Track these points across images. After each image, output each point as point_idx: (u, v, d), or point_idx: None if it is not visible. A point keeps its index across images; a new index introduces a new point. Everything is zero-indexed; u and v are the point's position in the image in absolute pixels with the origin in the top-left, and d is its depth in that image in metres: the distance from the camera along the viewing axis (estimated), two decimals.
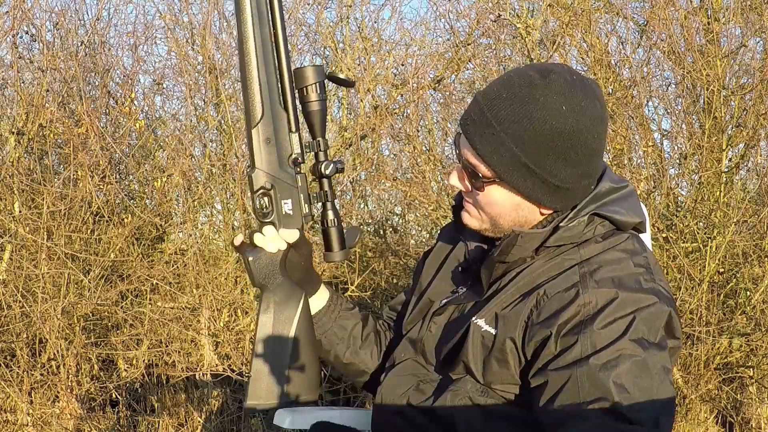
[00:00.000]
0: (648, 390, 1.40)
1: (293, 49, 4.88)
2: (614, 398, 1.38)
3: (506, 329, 1.51)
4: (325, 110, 1.56)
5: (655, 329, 1.46)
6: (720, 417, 4.64)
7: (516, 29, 4.74)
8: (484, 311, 1.55)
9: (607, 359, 1.40)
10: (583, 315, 1.44)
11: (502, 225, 1.58)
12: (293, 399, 1.58)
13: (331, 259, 1.62)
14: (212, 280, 4.29)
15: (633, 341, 1.42)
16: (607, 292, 1.46)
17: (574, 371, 1.41)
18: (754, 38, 4.78)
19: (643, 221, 1.62)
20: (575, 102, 1.47)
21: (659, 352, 1.45)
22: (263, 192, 1.57)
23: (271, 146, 1.57)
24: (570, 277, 1.50)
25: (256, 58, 1.53)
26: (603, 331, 1.43)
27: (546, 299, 1.49)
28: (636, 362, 1.41)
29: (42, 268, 3.98)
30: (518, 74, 1.52)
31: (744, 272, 4.52)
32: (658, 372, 1.43)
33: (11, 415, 4.13)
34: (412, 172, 4.76)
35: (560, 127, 1.46)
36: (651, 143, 4.67)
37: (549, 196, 1.53)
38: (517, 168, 1.50)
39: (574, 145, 1.48)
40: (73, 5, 4.71)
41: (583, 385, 1.40)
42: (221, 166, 4.47)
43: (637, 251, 1.57)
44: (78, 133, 4.15)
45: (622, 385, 1.39)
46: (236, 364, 4.21)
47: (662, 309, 1.49)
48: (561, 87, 1.47)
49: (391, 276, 5.03)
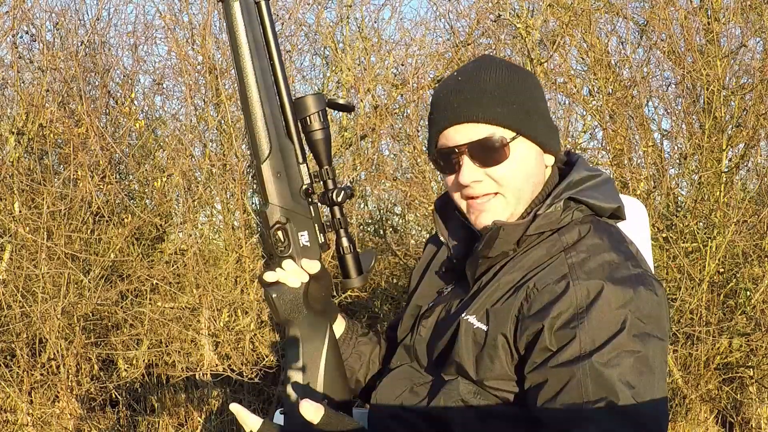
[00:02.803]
0: (650, 387, 1.40)
1: (293, 49, 4.88)
2: (620, 398, 1.37)
3: (497, 324, 1.49)
4: (329, 137, 1.54)
5: (652, 319, 1.44)
6: (720, 417, 4.65)
7: (516, 29, 4.74)
8: (473, 307, 1.54)
9: (609, 357, 1.39)
10: (576, 308, 1.43)
11: (527, 193, 1.57)
12: None
13: (351, 285, 1.60)
14: (212, 280, 4.29)
15: (633, 336, 1.41)
16: (598, 283, 1.44)
17: (577, 369, 1.39)
18: (754, 38, 4.78)
19: (621, 207, 1.61)
20: (511, 63, 1.63)
21: (659, 342, 1.44)
22: (279, 226, 1.54)
23: (282, 179, 1.54)
24: (558, 268, 1.49)
25: (258, 91, 1.49)
26: (600, 326, 1.41)
27: (536, 292, 1.47)
28: (638, 359, 1.40)
29: (42, 268, 3.98)
30: (461, 69, 1.61)
31: (744, 272, 4.52)
32: (659, 365, 1.42)
33: (11, 415, 4.13)
34: (412, 172, 4.76)
35: (524, 74, 1.60)
36: (651, 143, 4.67)
37: (550, 136, 1.59)
38: (524, 116, 1.54)
39: (539, 88, 1.61)
40: (73, 5, 4.73)
41: (586, 384, 1.38)
42: (221, 166, 4.47)
43: (620, 237, 1.56)
44: (78, 133, 4.15)
45: (628, 383, 1.38)
46: (236, 364, 4.21)
47: (653, 297, 1.47)
48: (497, 58, 1.63)
49: (391, 276, 5.03)
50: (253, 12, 1.48)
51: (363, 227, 5.08)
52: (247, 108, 1.50)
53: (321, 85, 5.11)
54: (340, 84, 4.93)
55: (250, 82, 1.48)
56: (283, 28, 4.70)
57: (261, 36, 1.50)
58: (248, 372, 4.14)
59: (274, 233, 1.54)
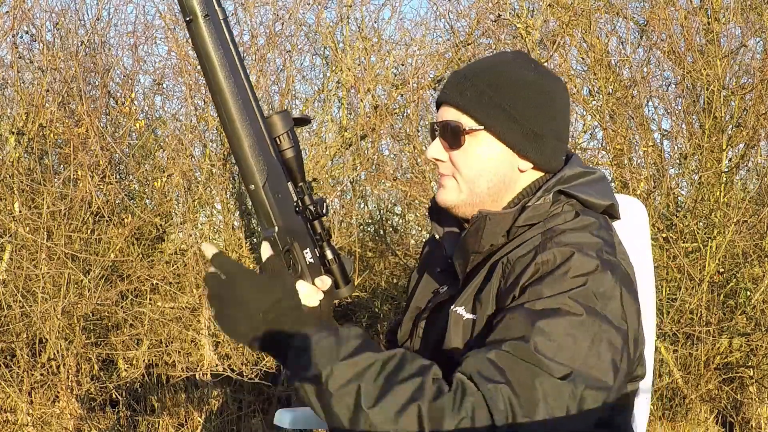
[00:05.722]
0: (573, 351, 1.32)
1: (293, 49, 4.88)
2: (533, 339, 1.32)
3: (484, 311, 1.50)
4: (301, 153, 1.50)
5: (606, 302, 1.39)
6: (720, 417, 4.65)
7: (516, 29, 4.74)
8: (462, 298, 1.54)
9: (545, 307, 1.36)
10: (541, 272, 1.42)
11: (481, 187, 1.56)
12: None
13: (342, 296, 1.58)
14: None
15: (577, 302, 1.36)
16: (565, 250, 1.43)
17: (511, 312, 1.38)
18: (754, 38, 4.78)
19: (614, 204, 1.59)
20: (543, 69, 1.60)
21: (606, 326, 1.37)
22: (288, 250, 1.50)
23: (281, 199, 1.49)
24: (532, 242, 1.49)
25: (241, 111, 1.43)
26: (551, 284, 1.39)
27: (509, 266, 1.48)
28: (573, 321, 1.35)
29: (42, 268, 3.98)
30: (490, 55, 1.63)
31: (744, 272, 4.52)
32: (595, 341, 1.35)
33: (11, 415, 4.13)
34: (412, 172, 4.76)
35: (531, 79, 1.56)
36: (651, 143, 4.67)
37: (526, 142, 1.55)
38: (497, 112, 1.54)
39: (545, 98, 1.56)
40: (73, 5, 4.72)
41: (511, 324, 1.36)
42: (221, 166, 4.48)
43: (606, 226, 1.55)
44: (78, 133, 4.15)
45: (549, 333, 1.33)
46: (236, 364, 4.21)
47: (614, 287, 1.42)
48: (531, 59, 1.62)
49: (391, 276, 5.03)
50: (221, 29, 1.42)
51: (363, 227, 5.08)
52: (235, 130, 1.44)
53: (321, 85, 5.11)
54: (340, 84, 4.93)
55: (232, 103, 1.43)
56: (283, 28, 4.70)
57: (232, 54, 1.44)
58: (248, 372, 4.14)
59: (286, 257, 1.49)
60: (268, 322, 1.30)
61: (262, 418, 4.53)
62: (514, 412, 1.26)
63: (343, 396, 1.24)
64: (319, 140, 4.88)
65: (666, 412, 4.58)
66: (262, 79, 4.54)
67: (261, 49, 4.59)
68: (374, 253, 5.08)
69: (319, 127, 4.98)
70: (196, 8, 1.39)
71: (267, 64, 4.61)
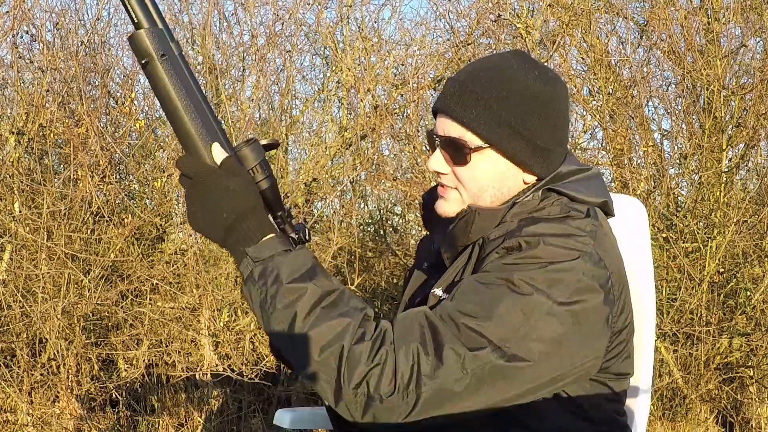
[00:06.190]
0: (513, 326, 1.33)
1: (293, 49, 4.88)
2: (465, 307, 1.34)
3: None
4: (275, 183, 1.46)
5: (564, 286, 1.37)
6: (720, 417, 4.65)
7: (516, 29, 4.74)
8: (441, 280, 1.54)
9: (492, 281, 1.37)
10: (503, 253, 1.43)
11: (485, 200, 1.55)
12: None
13: None
14: (212, 280, 4.29)
15: (529, 284, 1.35)
16: (534, 237, 1.42)
17: (462, 283, 1.41)
18: (754, 38, 4.79)
19: (607, 202, 1.57)
20: (544, 72, 1.56)
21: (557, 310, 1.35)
22: None
23: None
24: (507, 226, 1.49)
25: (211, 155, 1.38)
26: (509, 263, 1.39)
27: (485, 248, 1.48)
28: (518, 300, 1.35)
29: (42, 268, 3.98)
30: (487, 57, 1.59)
31: (744, 272, 4.52)
32: (536, 321, 1.34)
33: (11, 415, 4.13)
34: (412, 172, 4.76)
35: (537, 90, 1.52)
36: (651, 143, 4.67)
37: (533, 158, 1.53)
38: (503, 129, 1.50)
39: (551, 108, 1.53)
40: (73, 5, 4.73)
41: (456, 293, 1.39)
42: None
43: (593, 216, 1.51)
44: (78, 133, 4.15)
45: (489, 307, 1.34)
46: (236, 364, 4.21)
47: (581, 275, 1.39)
48: (530, 61, 1.57)
49: (391, 276, 5.03)
50: (179, 67, 1.37)
51: (363, 227, 5.08)
52: None
53: (321, 85, 5.12)
54: (340, 84, 4.93)
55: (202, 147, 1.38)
56: (283, 28, 4.70)
57: (196, 94, 1.39)
58: (248, 372, 4.14)
59: None
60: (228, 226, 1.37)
61: (262, 418, 4.53)
62: (419, 368, 1.30)
63: (281, 318, 1.33)
64: (319, 140, 4.88)
65: (666, 412, 4.58)
66: (262, 79, 4.54)
67: (261, 49, 4.59)
68: (374, 253, 5.08)
69: (319, 127, 4.99)
70: (151, 50, 1.35)
71: (267, 64, 4.62)
